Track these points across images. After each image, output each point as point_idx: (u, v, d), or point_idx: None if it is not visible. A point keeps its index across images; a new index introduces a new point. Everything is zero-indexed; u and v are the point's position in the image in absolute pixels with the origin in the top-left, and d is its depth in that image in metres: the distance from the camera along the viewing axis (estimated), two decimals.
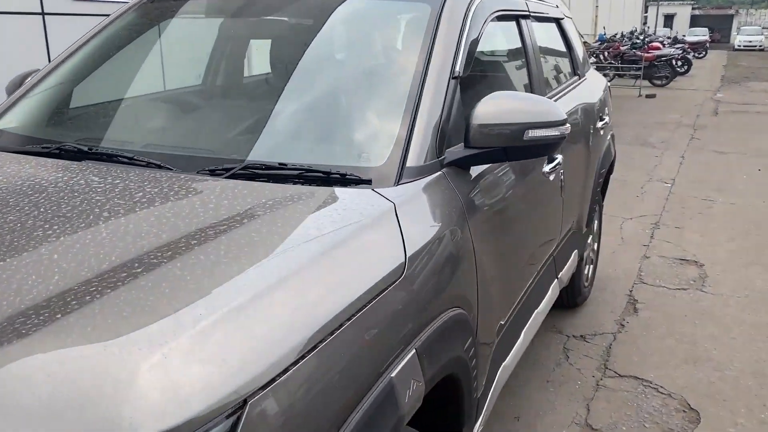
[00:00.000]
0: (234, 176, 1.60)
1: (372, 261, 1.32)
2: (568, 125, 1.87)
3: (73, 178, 1.58)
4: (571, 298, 3.68)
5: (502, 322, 2.08)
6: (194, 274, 1.13)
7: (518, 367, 3.15)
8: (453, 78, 1.89)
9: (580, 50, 3.61)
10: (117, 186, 1.52)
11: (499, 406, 2.83)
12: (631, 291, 4.09)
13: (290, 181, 1.57)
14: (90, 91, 2.29)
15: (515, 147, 1.80)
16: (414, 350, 1.34)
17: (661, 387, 3.00)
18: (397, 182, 1.61)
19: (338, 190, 1.53)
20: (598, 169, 3.43)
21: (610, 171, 3.86)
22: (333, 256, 1.26)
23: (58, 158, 1.75)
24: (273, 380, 1.01)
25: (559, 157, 2.60)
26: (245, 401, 0.96)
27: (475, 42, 2.05)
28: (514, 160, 1.86)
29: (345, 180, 1.59)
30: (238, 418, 0.94)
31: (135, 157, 1.71)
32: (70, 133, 2.03)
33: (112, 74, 2.38)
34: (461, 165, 1.80)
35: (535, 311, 2.49)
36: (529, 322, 2.40)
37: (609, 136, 3.73)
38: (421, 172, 1.66)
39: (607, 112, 3.63)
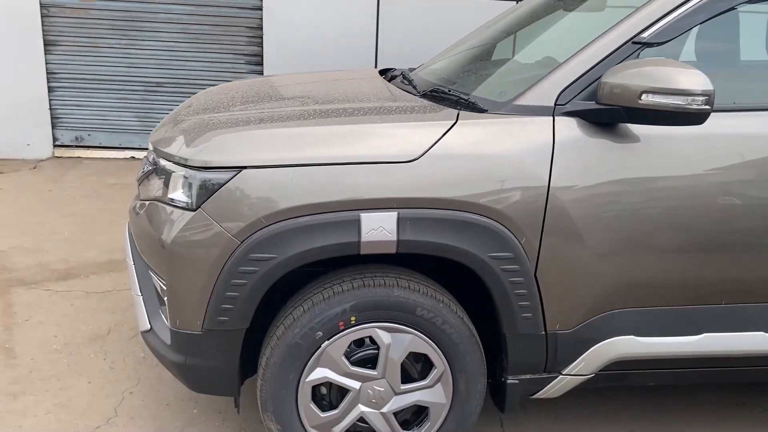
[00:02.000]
0: (425, 95, 2.34)
1: (389, 143, 1.92)
2: (702, 98, 1.77)
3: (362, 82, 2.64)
4: None
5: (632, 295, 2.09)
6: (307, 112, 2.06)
7: None
8: (633, 42, 2.01)
9: None
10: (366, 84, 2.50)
11: None
12: None
13: (452, 104, 2.20)
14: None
15: (634, 109, 1.87)
16: (396, 213, 1.89)
17: None
18: (496, 113, 2.03)
19: (446, 110, 2.10)
20: None
21: None
22: (362, 129, 1.97)
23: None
24: (266, 166, 1.89)
25: None
26: (244, 167, 1.89)
27: (694, 17, 2.00)
28: (636, 123, 1.91)
29: (472, 106, 2.12)
30: (236, 174, 1.89)
31: (412, 81, 2.63)
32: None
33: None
34: (587, 118, 1.98)
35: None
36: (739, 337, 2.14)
37: None
38: (523, 111, 2.00)
39: None
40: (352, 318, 1.99)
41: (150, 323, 2.14)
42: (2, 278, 3.67)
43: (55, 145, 6.34)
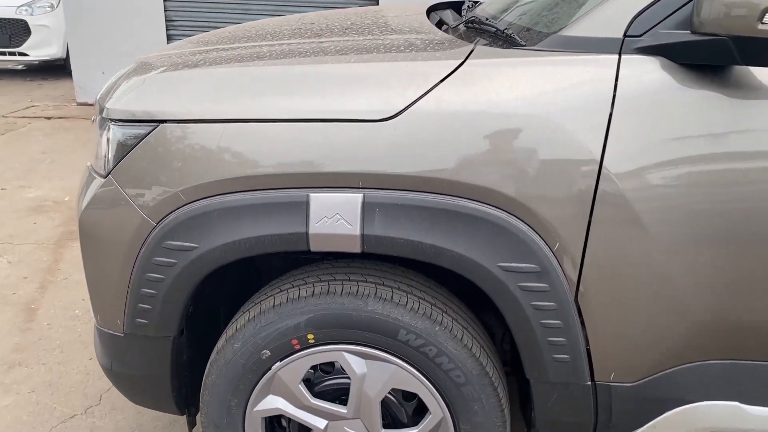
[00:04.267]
0: (455, 29, 1.69)
1: (357, 93, 1.31)
2: None
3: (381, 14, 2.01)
4: None
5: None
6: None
7: None
8: None
9: None
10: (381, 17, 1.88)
11: None
12: None
13: (487, 37, 1.54)
14: None
15: (748, 40, 1.10)
16: (361, 195, 1.29)
17: None
18: (531, 49, 1.33)
19: (461, 47, 1.43)
20: None
21: None
22: (321, 71, 1.38)
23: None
24: (189, 121, 1.36)
25: None
26: (162, 120, 1.38)
27: None
28: (756, 64, 1.11)
29: (507, 40, 1.44)
30: (152, 130, 1.38)
31: (463, 12, 1.95)
32: None
33: None
34: (675, 57, 1.23)
35: None
36: None
37: None
38: (574, 45, 1.29)
39: None
40: (310, 336, 1.44)
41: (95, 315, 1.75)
42: (66, 230, 3.56)
43: None
